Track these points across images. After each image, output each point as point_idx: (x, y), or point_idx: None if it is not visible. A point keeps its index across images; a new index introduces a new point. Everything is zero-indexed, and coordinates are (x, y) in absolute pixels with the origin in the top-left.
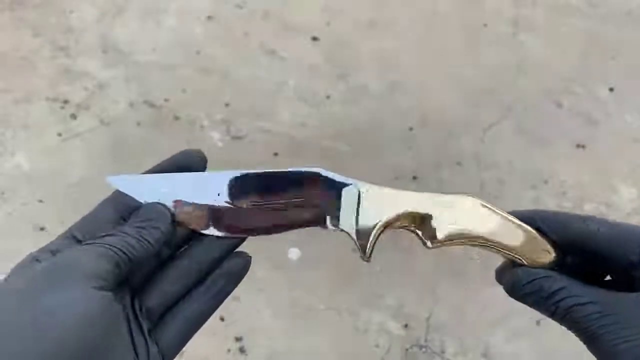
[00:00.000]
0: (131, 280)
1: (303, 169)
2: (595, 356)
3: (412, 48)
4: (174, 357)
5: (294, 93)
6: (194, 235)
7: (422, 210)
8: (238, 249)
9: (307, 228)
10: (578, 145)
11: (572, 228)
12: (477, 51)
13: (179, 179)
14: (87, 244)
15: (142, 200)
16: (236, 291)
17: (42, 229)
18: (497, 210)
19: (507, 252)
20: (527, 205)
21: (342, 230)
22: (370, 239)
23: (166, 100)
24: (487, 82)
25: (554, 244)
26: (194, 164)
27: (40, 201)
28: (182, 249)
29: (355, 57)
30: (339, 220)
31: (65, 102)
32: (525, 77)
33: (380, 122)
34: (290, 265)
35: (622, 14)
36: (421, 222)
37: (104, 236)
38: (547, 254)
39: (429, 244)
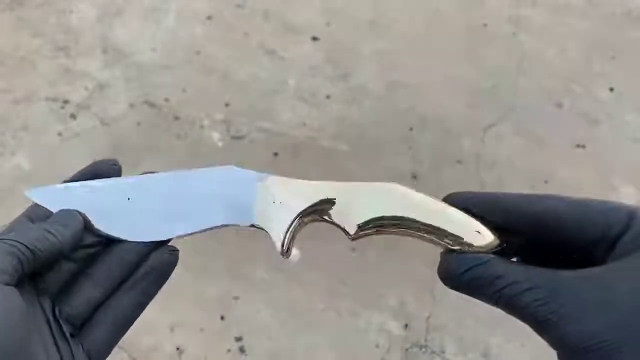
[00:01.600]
0: (51, 287)
1: (215, 167)
2: (551, 345)
3: (412, 48)
4: (105, 359)
5: (294, 93)
6: (115, 240)
7: (339, 198)
8: (169, 244)
9: (237, 228)
10: (578, 145)
11: (521, 208)
12: (477, 51)
13: (95, 186)
14: None
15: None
16: (236, 291)
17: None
18: (422, 195)
19: (439, 238)
20: None
21: (258, 227)
22: (287, 234)
23: (166, 100)
24: (487, 82)
25: (493, 226)
26: (110, 173)
27: None
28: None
29: (355, 57)
30: (254, 217)
31: (65, 102)
32: (525, 77)
33: (380, 122)
34: (290, 265)
35: (622, 14)
36: (340, 211)
37: (8, 232)
38: (482, 238)
39: (351, 232)
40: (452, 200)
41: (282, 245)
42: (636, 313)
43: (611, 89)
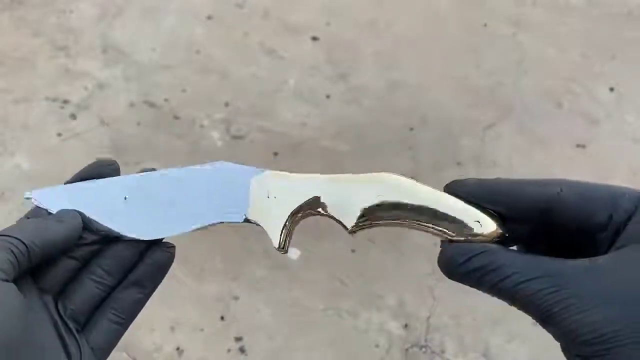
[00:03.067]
0: (52, 284)
1: (208, 165)
2: (554, 336)
3: (412, 48)
4: (107, 357)
5: (294, 93)
6: (114, 238)
7: (334, 190)
8: (165, 240)
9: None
10: (578, 145)
11: (525, 195)
12: (477, 51)
13: (93, 186)
14: None
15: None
16: (236, 291)
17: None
18: (418, 183)
19: (439, 227)
20: None
21: (253, 222)
22: (283, 229)
23: (166, 100)
24: (487, 82)
25: (495, 215)
26: (108, 174)
27: None
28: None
29: (355, 57)
30: (249, 212)
31: (65, 102)
32: (525, 77)
33: (380, 122)
34: (290, 265)
35: (622, 14)
36: (336, 204)
37: (7, 229)
38: (484, 226)
39: (348, 226)
40: (452, 188)
41: (279, 241)
42: None
43: (611, 89)
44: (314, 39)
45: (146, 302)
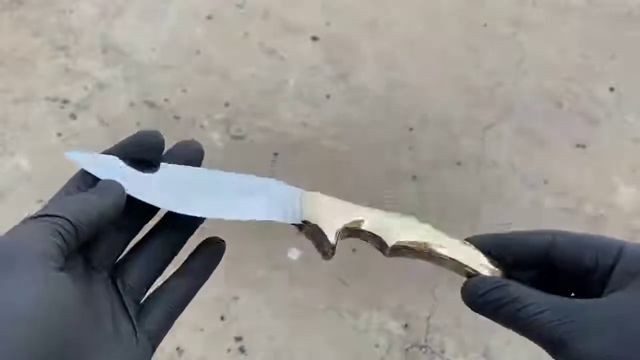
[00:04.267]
0: (104, 260)
1: (256, 179)
2: None
3: (413, 48)
4: (158, 345)
5: (294, 93)
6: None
7: (376, 222)
8: (211, 236)
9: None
10: (578, 145)
11: (528, 243)
12: (477, 51)
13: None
14: (31, 218)
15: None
16: (236, 291)
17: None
18: (442, 232)
19: (458, 267)
20: (526, 205)
21: (309, 223)
22: (339, 233)
23: (166, 100)
24: (487, 82)
25: (496, 261)
26: (152, 144)
27: (40, 201)
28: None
29: (355, 57)
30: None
31: (65, 102)
32: (525, 77)
33: (380, 122)
34: (290, 265)
35: (622, 14)
36: (377, 230)
37: (50, 205)
38: (486, 270)
39: (387, 249)
40: (473, 240)
41: (333, 242)
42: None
43: (611, 89)
44: (314, 39)
45: (197, 293)
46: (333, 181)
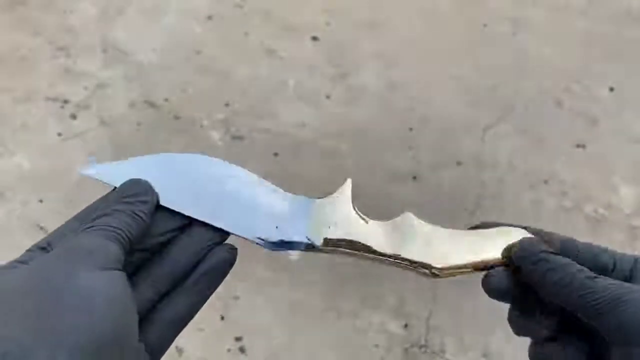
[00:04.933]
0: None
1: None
2: (602, 329)
3: (412, 48)
4: (161, 358)
5: (294, 93)
6: (182, 225)
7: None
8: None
9: None
10: (578, 145)
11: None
12: (477, 51)
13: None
14: (86, 228)
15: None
16: (236, 291)
17: (42, 228)
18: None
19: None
20: (526, 205)
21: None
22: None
23: (166, 100)
24: (487, 82)
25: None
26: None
27: (40, 201)
28: (169, 237)
29: (355, 57)
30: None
31: (65, 102)
32: (525, 77)
33: (380, 122)
34: (290, 265)
35: (622, 14)
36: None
37: (99, 217)
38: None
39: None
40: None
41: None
42: None
43: (611, 89)
44: (314, 39)
45: (203, 305)
46: (333, 181)
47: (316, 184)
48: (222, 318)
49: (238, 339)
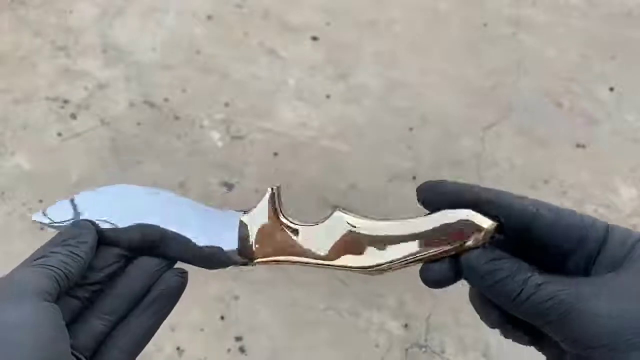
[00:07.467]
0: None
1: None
2: (562, 340)
3: (413, 48)
4: None
5: (294, 93)
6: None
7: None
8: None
9: None
10: (578, 145)
11: (514, 208)
12: (477, 51)
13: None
14: (23, 267)
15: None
16: (236, 291)
17: (42, 228)
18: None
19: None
20: None
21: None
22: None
23: (166, 100)
24: (487, 82)
25: (495, 223)
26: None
27: (40, 201)
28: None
29: (355, 57)
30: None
31: (65, 102)
32: (525, 77)
33: (380, 122)
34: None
35: (622, 14)
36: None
37: (38, 258)
38: (481, 234)
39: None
40: (462, 200)
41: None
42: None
43: (611, 89)
44: (314, 39)
45: (157, 331)
46: (333, 181)
47: (316, 184)
48: (222, 318)
49: (238, 339)
